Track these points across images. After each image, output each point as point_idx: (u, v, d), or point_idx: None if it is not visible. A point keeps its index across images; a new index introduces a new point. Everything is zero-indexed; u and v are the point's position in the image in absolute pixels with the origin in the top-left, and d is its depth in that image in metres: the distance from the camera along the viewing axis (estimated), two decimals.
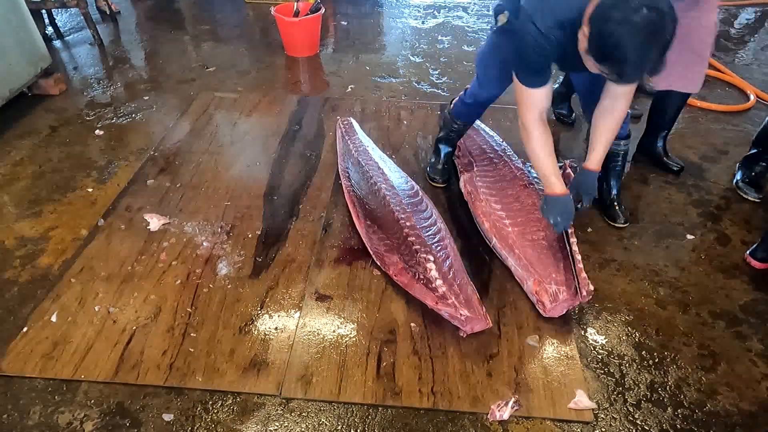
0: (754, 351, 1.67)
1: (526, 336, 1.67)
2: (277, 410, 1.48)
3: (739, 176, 2.35)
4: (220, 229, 2.07)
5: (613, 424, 1.46)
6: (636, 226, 2.13)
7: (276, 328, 1.69)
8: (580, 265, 1.70)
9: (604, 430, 1.45)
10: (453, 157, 2.38)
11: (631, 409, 1.50)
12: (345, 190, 2.20)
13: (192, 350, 1.62)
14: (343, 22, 4.10)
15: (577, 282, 1.68)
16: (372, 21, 4.16)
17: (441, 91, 3.11)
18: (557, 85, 2.77)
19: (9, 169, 2.41)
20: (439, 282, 1.64)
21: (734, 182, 2.35)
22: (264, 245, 2.00)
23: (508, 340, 1.66)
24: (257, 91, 3.09)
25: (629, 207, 2.20)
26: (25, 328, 1.67)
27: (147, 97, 3.01)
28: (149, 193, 2.25)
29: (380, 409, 1.49)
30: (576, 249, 1.73)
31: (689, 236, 2.09)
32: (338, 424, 1.45)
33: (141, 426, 1.44)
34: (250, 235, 2.04)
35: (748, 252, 1.98)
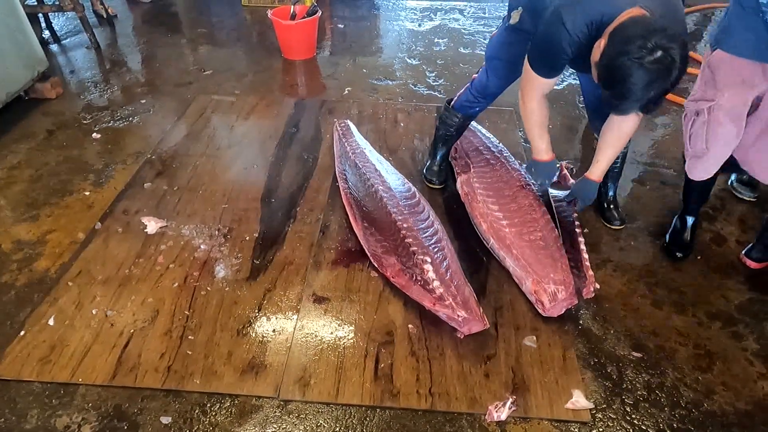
0: (750, 351, 1.68)
1: (524, 337, 1.68)
2: (275, 412, 1.48)
3: (734, 176, 2.35)
4: (217, 232, 2.07)
5: (610, 425, 1.47)
6: (632, 227, 2.14)
7: (274, 331, 1.69)
8: (587, 263, 1.76)
9: (601, 430, 1.45)
10: (450, 159, 2.39)
11: (628, 409, 1.51)
12: (342, 193, 2.20)
13: (190, 353, 1.62)
14: (339, 25, 4.11)
15: (585, 277, 1.72)
16: (369, 24, 4.17)
17: (438, 93, 3.12)
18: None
19: (6, 173, 2.41)
20: (437, 283, 1.65)
21: (729, 182, 2.36)
22: (261, 248, 2.00)
23: (505, 341, 1.67)
24: (254, 94, 3.09)
25: (625, 207, 2.21)
26: (22, 332, 1.67)
27: (144, 101, 3.01)
28: (146, 197, 2.25)
29: (378, 410, 1.49)
30: (584, 247, 1.79)
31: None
32: (336, 426, 1.45)
33: (139, 429, 1.44)
34: (248, 238, 2.04)
35: (743, 252, 1.99)
